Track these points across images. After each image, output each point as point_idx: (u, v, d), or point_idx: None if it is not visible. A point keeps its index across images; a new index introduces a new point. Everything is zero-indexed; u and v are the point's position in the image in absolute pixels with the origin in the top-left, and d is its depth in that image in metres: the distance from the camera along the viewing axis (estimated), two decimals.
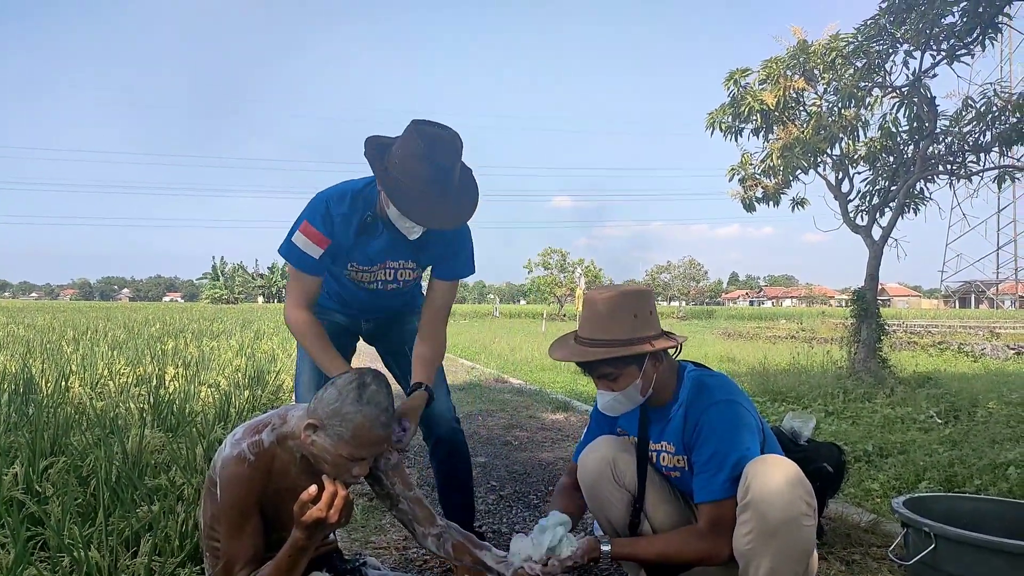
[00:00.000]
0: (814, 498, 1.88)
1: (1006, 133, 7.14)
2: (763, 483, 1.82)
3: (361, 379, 1.75)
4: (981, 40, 6.74)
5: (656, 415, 2.18)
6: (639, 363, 2.02)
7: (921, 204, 8.28)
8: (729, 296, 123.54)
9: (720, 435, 1.95)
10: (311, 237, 2.18)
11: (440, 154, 2.00)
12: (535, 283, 48.61)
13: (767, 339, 18.70)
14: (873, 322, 7.98)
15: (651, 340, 2.01)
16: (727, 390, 2.05)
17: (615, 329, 2.01)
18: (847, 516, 3.12)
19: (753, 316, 45.11)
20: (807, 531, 1.83)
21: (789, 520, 1.80)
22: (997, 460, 3.88)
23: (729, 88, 8.18)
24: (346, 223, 2.22)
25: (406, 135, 2.02)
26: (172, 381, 6.16)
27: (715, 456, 1.94)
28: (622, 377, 2.05)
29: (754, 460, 1.89)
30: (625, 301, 2.03)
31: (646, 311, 2.03)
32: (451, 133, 2.06)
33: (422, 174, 1.99)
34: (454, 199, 2.09)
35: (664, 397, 2.14)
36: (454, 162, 2.05)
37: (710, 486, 1.94)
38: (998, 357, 12.96)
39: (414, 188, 2.00)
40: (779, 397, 6.80)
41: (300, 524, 1.67)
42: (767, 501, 1.80)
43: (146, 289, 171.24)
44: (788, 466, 1.88)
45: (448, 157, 2.02)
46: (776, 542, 1.80)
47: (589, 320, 2.06)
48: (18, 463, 2.96)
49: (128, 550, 2.37)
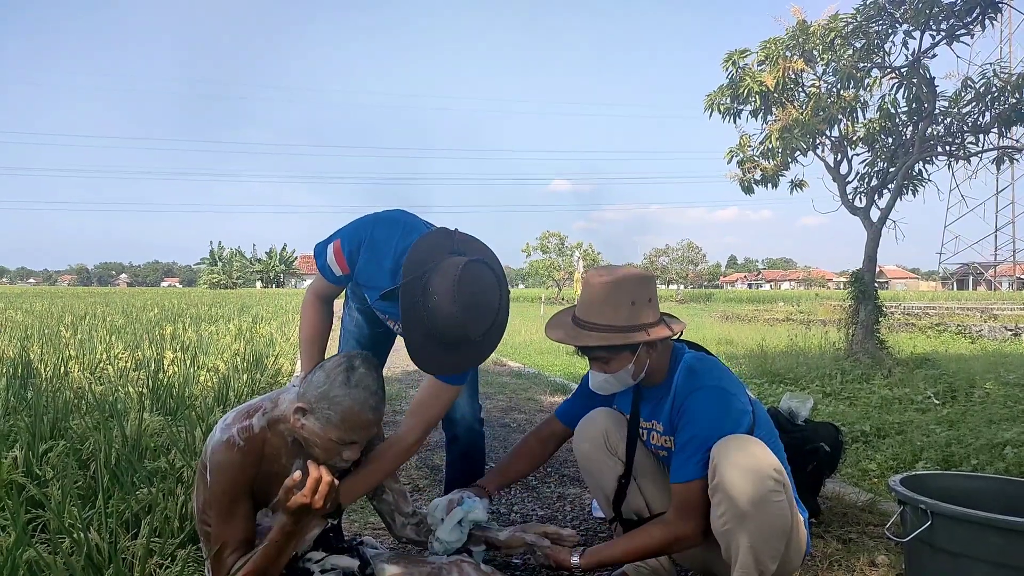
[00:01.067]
0: (783, 473, 1.89)
1: (1005, 114, 7.11)
2: (729, 464, 1.84)
3: (350, 362, 1.75)
4: (981, 20, 6.71)
5: (649, 394, 2.20)
6: (633, 349, 2.03)
7: (920, 186, 8.25)
8: (727, 279, 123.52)
9: (701, 419, 1.97)
10: (337, 258, 2.12)
11: (473, 326, 1.85)
12: (533, 267, 48.61)
13: (765, 322, 18.73)
14: (871, 304, 7.99)
15: (647, 328, 2.01)
16: (715, 375, 2.06)
17: (611, 315, 2.01)
18: (844, 496, 3.14)
19: (751, 299, 45.16)
20: (778, 507, 1.84)
21: (758, 498, 1.81)
22: (994, 440, 3.90)
23: (728, 69, 8.12)
24: (374, 274, 2.10)
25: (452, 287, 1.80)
26: (171, 365, 6.16)
27: (693, 439, 1.96)
28: (615, 361, 2.06)
29: (720, 441, 1.90)
30: (623, 287, 2.03)
31: (644, 298, 2.03)
32: (496, 302, 1.91)
33: (447, 329, 1.84)
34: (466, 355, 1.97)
35: (657, 378, 2.15)
36: (483, 334, 1.90)
37: (685, 467, 1.96)
38: (995, 338, 13.00)
39: (429, 338, 1.88)
40: (777, 379, 6.82)
41: (286, 510, 1.67)
42: (734, 481, 1.82)
43: (144, 274, 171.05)
44: (753, 444, 1.90)
45: (480, 328, 1.88)
46: (750, 521, 1.82)
47: (586, 303, 2.07)
48: (18, 447, 2.97)
49: (128, 532, 2.38)
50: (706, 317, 22.39)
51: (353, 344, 2.54)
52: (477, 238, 2.06)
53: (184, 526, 2.39)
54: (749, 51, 8.03)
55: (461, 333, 1.84)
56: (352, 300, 2.52)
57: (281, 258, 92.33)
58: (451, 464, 2.66)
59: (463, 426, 2.58)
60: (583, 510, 3.09)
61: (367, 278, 2.13)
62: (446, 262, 1.85)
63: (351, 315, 2.53)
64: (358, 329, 2.54)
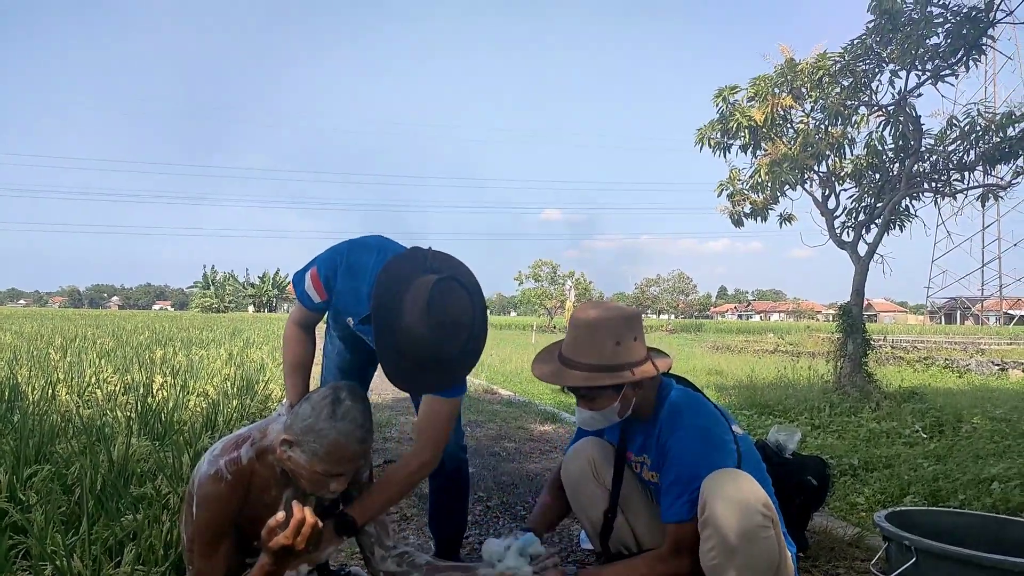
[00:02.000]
0: (771, 508, 1.91)
1: (989, 152, 7.24)
2: (718, 499, 1.86)
3: (336, 394, 1.74)
4: (965, 61, 6.86)
5: (636, 429, 2.23)
6: (617, 388, 2.05)
7: (906, 221, 8.36)
8: (717, 310, 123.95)
9: (686, 458, 1.99)
10: (315, 285, 2.14)
11: (448, 344, 1.85)
12: (525, 295, 48.70)
13: (754, 353, 18.78)
14: (859, 337, 8.04)
15: (632, 367, 2.02)
16: (699, 413, 2.08)
17: (597, 354, 2.02)
18: (832, 530, 3.14)
19: (741, 330, 45.24)
20: (767, 542, 1.85)
21: (746, 533, 1.82)
22: (981, 475, 3.91)
23: (718, 105, 8.27)
24: (351, 299, 2.11)
25: (423, 307, 1.79)
26: (160, 390, 6.12)
27: (678, 479, 1.98)
28: (599, 399, 2.08)
29: (710, 476, 1.91)
30: (608, 327, 2.04)
31: (630, 336, 2.04)
32: (469, 319, 1.89)
33: (422, 348, 1.83)
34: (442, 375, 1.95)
35: (644, 413, 2.17)
36: (456, 353, 1.90)
37: (674, 507, 1.98)
38: (983, 373, 13.06)
39: (405, 361, 1.87)
40: (766, 410, 6.83)
41: (267, 550, 1.66)
42: (723, 517, 1.83)
43: (136, 297, 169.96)
44: (742, 480, 1.91)
45: (453, 348, 1.87)
46: (739, 557, 1.83)
47: (572, 341, 2.09)
48: (1, 471, 2.94)
49: (112, 559, 2.35)
50: (696, 347, 22.42)
51: (335, 371, 2.53)
52: (452, 256, 2.05)
53: (169, 554, 2.37)
54: (739, 87, 8.18)
55: (434, 352, 1.84)
56: (333, 327, 2.51)
57: (274, 283, 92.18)
58: (436, 492, 2.64)
59: (447, 454, 2.56)
60: (572, 540, 3.08)
61: (345, 304, 2.15)
62: (417, 281, 1.85)
63: (332, 342, 2.52)
64: (339, 356, 2.53)
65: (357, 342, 2.44)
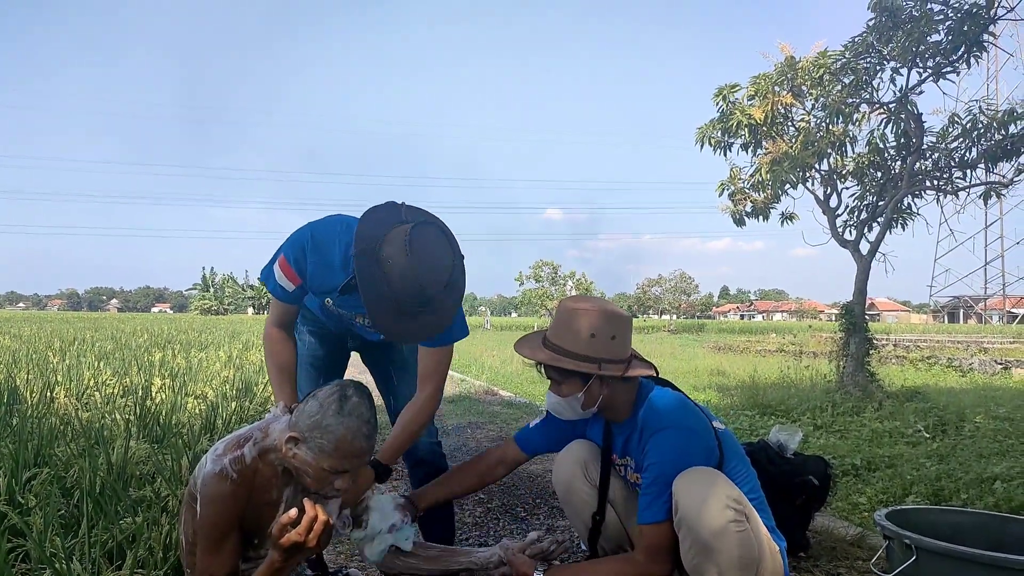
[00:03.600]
0: (743, 502, 1.92)
1: (992, 150, 7.22)
2: (688, 499, 1.88)
3: (343, 391, 1.74)
4: (966, 58, 6.84)
5: (619, 430, 2.24)
6: (583, 379, 2.07)
7: (909, 219, 8.34)
8: (720, 310, 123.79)
9: (663, 460, 2.00)
10: (285, 272, 2.13)
11: (429, 283, 1.86)
12: (526, 296, 48.71)
13: (757, 353, 18.75)
14: (861, 336, 8.02)
15: (601, 363, 2.04)
16: (678, 414, 2.08)
17: (570, 341, 2.06)
18: (834, 529, 3.13)
19: (743, 330, 45.19)
20: (741, 536, 1.86)
21: (718, 531, 1.84)
22: (984, 474, 3.90)
23: (718, 103, 8.25)
24: (325, 274, 2.11)
25: (403, 247, 1.83)
26: (159, 392, 6.12)
27: (656, 480, 1.99)
28: (565, 385, 2.12)
29: (679, 476, 1.93)
30: (587, 317, 2.07)
31: (607, 334, 2.06)
32: (450, 259, 1.91)
33: (403, 289, 1.84)
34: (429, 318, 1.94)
35: (622, 415, 2.19)
36: (441, 290, 1.90)
37: (650, 508, 1.99)
38: (986, 372, 13.03)
39: (390, 304, 1.87)
40: (768, 411, 6.81)
41: (278, 546, 1.66)
42: (694, 517, 1.86)
43: (135, 300, 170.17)
44: (710, 476, 1.93)
45: (436, 284, 1.88)
46: (715, 554, 1.85)
47: (554, 324, 2.15)
48: (0, 474, 2.93)
49: (111, 562, 2.35)
50: (698, 348, 22.40)
51: (307, 368, 2.54)
52: (425, 210, 2.05)
53: (168, 557, 2.36)
54: (739, 86, 8.17)
55: (418, 291, 1.84)
56: (302, 323, 2.52)
57: None
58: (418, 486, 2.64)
59: (425, 448, 2.57)
60: (572, 543, 3.06)
61: (320, 281, 2.14)
62: (395, 230, 1.87)
63: (302, 339, 2.52)
64: (311, 352, 2.55)
65: (327, 336, 2.50)
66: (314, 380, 2.53)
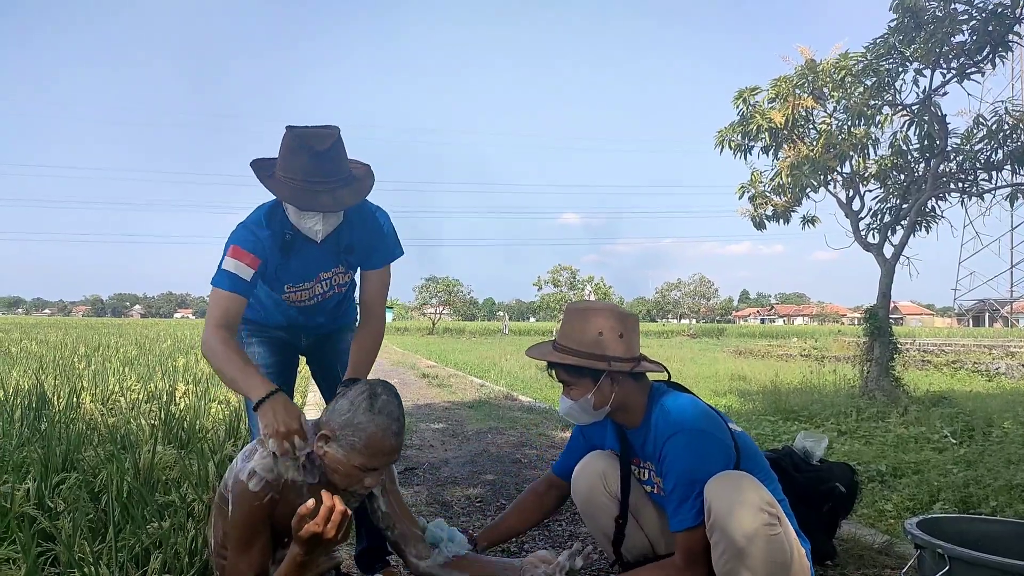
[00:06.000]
0: (775, 505, 1.92)
1: (1018, 151, 7.11)
2: (721, 503, 1.87)
3: (372, 389, 1.78)
4: (991, 58, 6.75)
5: (634, 436, 2.24)
6: (594, 377, 2.08)
7: (933, 222, 8.23)
8: (740, 314, 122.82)
9: (682, 464, 1.99)
10: (242, 259, 2.12)
11: (315, 141, 2.04)
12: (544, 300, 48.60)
13: (778, 357, 18.58)
14: (885, 340, 7.92)
15: (611, 360, 2.05)
16: (690, 416, 2.07)
17: (576, 340, 2.09)
18: (860, 537, 3.08)
19: (764, 334, 44.83)
20: (775, 540, 1.86)
21: (753, 534, 1.83)
22: (1013, 481, 3.83)
23: (738, 106, 8.21)
24: (272, 243, 2.21)
25: (283, 139, 2.08)
26: (183, 397, 6.18)
27: (679, 485, 1.98)
28: (575, 388, 2.12)
29: (711, 480, 1.92)
30: (595, 317, 2.10)
31: (615, 333, 2.08)
32: (327, 127, 2.11)
33: (299, 165, 2.04)
34: (339, 181, 2.11)
35: (635, 419, 2.18)
36: (330, 147, 2.06)
37: (679, 515, 1.98)
38: (1013, 376, 12.80)
39: (295, 179, 2.05)
40: (791, 416, 6.75)
41: (298, 539, 1.66)
42: (728, 521, 1.85)
43: (157, 306, 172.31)
44: (743, 481, 1.92)
45: (322, 143, 2.05)
46: (749, 558, 1.84)
47: (562, 326, 2.18)
48: (30, 478, 2.98)
49: (138, 567, 2.37)
50: (719, 352, 22.24)
51: None
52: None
53: (194, 561, 2.38)
54: (760, 88, 8.12)
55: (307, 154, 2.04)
56: (248, 334, 2.50)
57: None
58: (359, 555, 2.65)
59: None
60: (594, 550, 3.05)
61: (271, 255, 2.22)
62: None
63: (250, 350, 2.48)
64: (261, 362, 2.48)
65: (275, 343, 2.54)
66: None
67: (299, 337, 2.63)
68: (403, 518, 2.16)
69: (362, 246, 2.35)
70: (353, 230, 2.30)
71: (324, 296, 2.43)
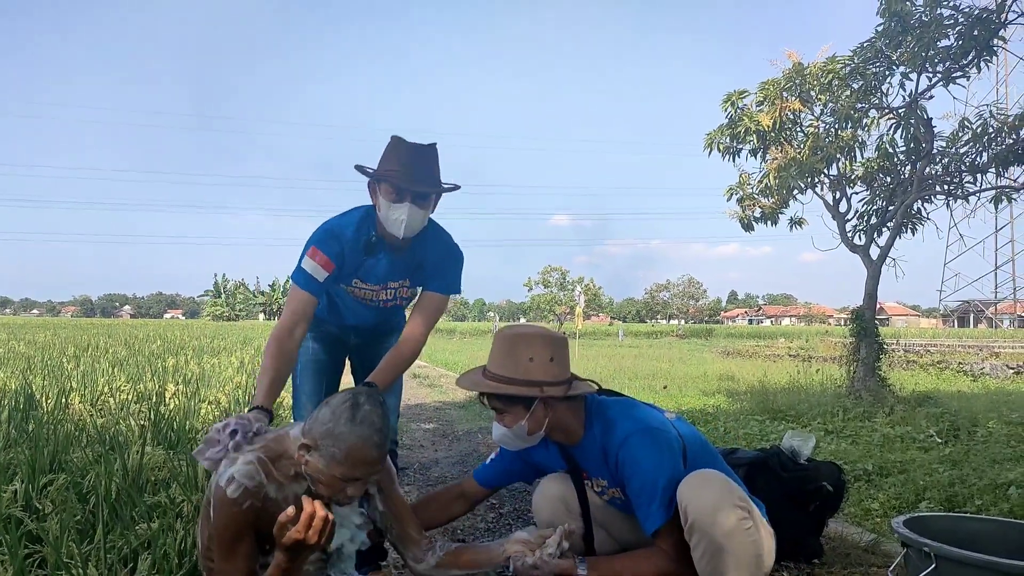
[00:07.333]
0: (745, 499, 1.97)
1: (1002, 154, 7.19)
2: (698, 504, 1.91)
3: (355, 399, 1.75)
4: (977, 62, 6.82)
5: (579, 453, 2.24)
6: (526, 404, 2.08)
7: (919, 224, 8.30)
8: (728, 315, 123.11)
9: (642, 466, 2.02)
10: (319, 262, 2.31)
11: (409, 145, 2.30)
12: (535, 301, 48.74)
13: (766, 358, 18.68)
14: (872, 341, 7.99)
15: (543, 385, 2.05)
16: (633, 417, 2.10)
17: (509, 367, 2.08)
18: (847, 536, 3.12)
19: (752, 334, 45.04)
20: (749, 533, 1.91)
21: (731, 531, 1.88)
22: (998, 480, 3.87)
23: (727, 109, 8.25)
24: (354, 244, 2.37)
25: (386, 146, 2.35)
26: (172, 398, 6.15)
27: (643, 488, 2.02)
28: (508, 415, 2.12)
29: (683, 481, 1.96)
30: (525, 343, 2.10)
31: (545, 356, 2.08)
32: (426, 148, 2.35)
33: (399, 157, 2.28)
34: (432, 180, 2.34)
35: (574, 437, 2.19)
36: (428, 147, 2.33)
37: (650, 517, 2.01)
38: (997, 376, 12.94)
39: (394, 169, 2.27)
40: (779, 416, 6.79)
41: (281, 546, 1.66)
42: (705, 520, 1.89)
43: (147, 306, 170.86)
44: (714, 479, 1.97)
45: (417, 148, 2.30)
46: (728, 555, 1.88)
47: (492, 355, 2.16)
48: (18, 480, 2.96)
49: (126, 567, 2.36)
50: (707, 352, 22.33)
51: (310, 374, 2.66)
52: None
53: (183, 563, 2.37)
54: (748, 92, 8.16)
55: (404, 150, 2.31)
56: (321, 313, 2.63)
57: (284, 291, 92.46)
58: None
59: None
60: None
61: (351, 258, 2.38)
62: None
63: (305, 345, 2.59)
64: (314, 356, 2.67)
65: (332, 341, 2.69)
66: (317, 381, 2.67)
67: (349, 335, 2.75)
68: (402, 519, 2.15)
69: (431, 266, 2.52)
70: (428, 249, 2.48)
71: (386, 304, 2.56)
